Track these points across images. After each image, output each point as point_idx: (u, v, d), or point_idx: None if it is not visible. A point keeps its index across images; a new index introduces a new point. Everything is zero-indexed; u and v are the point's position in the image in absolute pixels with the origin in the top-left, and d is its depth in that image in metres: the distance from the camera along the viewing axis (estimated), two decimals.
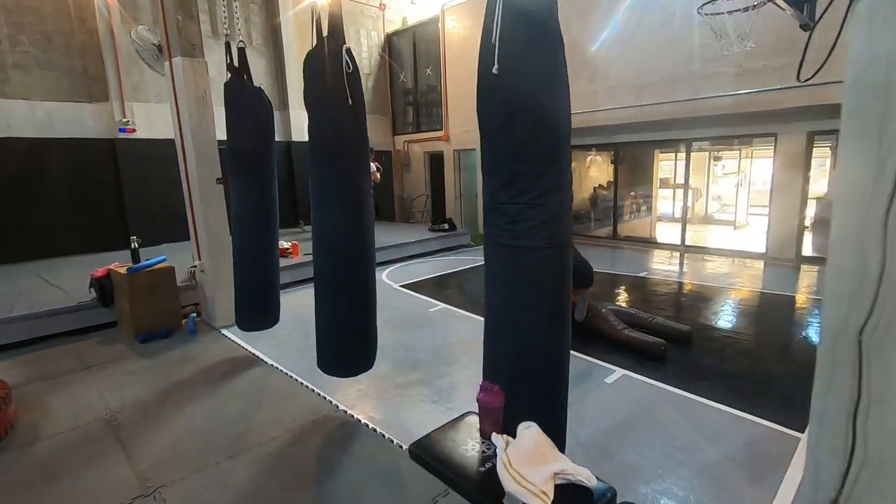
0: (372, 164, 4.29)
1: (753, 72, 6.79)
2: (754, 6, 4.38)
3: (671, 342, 4.07)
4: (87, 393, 3.55)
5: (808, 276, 6.57)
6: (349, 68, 2.75)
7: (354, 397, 3.43)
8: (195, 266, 5.00)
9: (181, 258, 5.44)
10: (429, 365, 3.94)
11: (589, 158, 11.45)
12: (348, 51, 2.70)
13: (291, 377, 3.75)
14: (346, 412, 3.19)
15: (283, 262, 6.46)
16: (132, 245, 5.16)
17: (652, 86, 7.84)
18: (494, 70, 1.83)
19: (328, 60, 2.74)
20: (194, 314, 5.02)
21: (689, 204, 15.05)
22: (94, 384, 3.69)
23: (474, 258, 8.20)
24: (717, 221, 14.46)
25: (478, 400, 1.76)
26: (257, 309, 4.17)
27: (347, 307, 2.98)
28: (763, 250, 7.76)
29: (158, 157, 8.21)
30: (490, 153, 1.95)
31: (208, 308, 5.02)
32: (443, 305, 5.53)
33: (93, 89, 8.12)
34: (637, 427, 2.93)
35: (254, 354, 4.23)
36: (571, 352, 2.11)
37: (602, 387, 3.49)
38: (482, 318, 2.16)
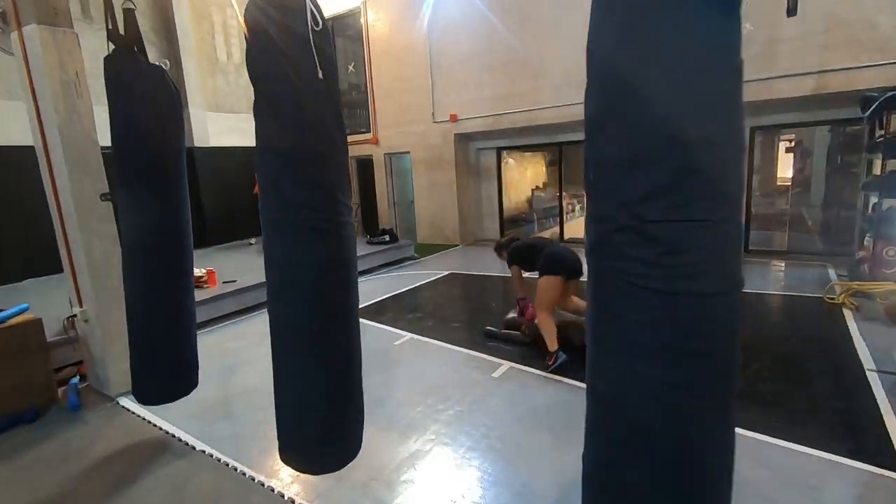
0: None
1: None
2: None
3: None
4: None
5: (756, 270, 6.57)
6: (317, 25, 1.82)
7: (332, 496, 2.46)
8: (75, 315, 3.66)
9: (53, 299, 4.04)
10: (422, 425, 3.06)
11: (509, 161, 11.07)
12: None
13: (233, 468, 2.68)
14: None
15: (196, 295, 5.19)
16: None
17: None
18: None
19: (282, 13, 1.79)
20: (76, 378, 3.69)
21: None
22: None
23: (424, 272, 7.36)
24: None
25: None
26: (167, 373, 3.00)
27: (324, 376, 2.03)
28: None
29: (15, 168, 6.42)
30: (623, 134, 1.16)
31: (97, 370, 3.70)
32: (408, 335, 4.65)
33: None
34: None
35: (169, 434, 3.06)
36: (573, 382, 1.37)
37: None
38: (459, 349, 1.36)
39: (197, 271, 5.81)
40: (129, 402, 3.45)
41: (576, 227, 10.88)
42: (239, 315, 5.53)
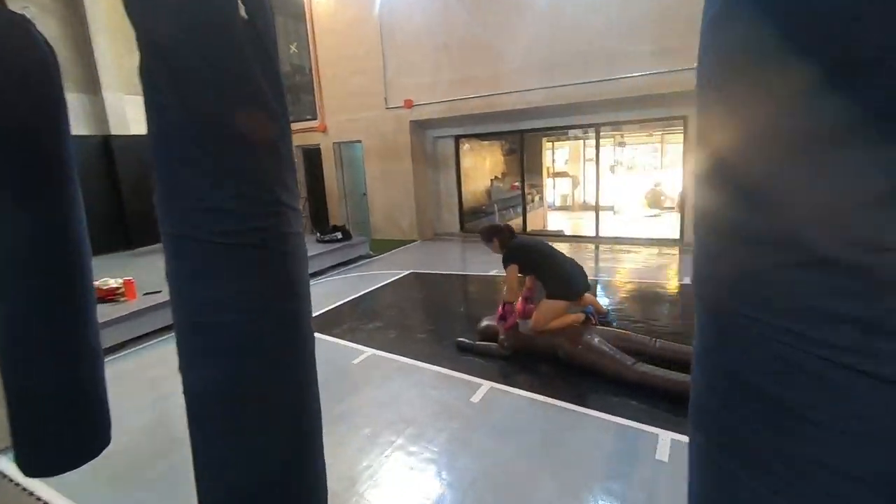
0: None
1: (671, 51, 6.40)
2: None
3: (686, 372, 3.18)
4: None
5: None
6: None
7: None
8: None
9: None
10: (391, 476, 2.48)
11: (466, 146, 10.58)
12: None
13: None
14: None
15: (109, 312, 4.33)
16: None
17: (563, 65, 7.12)
18: None
19: None
20: None
21: (570, 192, 15.46)
22: None
23: (381, 272, 6.72)
24: (597, 207, 14.90)
25: None
26: (62, 434, 2.24)
27: (268, 463, 1.42)
28: (677, 237, 7.61)
29: None
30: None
31: None
32: (369, 351, 4.03)
33: None
34: None
35: None
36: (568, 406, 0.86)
37: (655, 465, 2.40)
38: (429, 366, 0.89)
39: (112, 282, 4.93)
40: (5, 463, 2.65)
41: (537, 218, 10.56)
42: (165, 332, 4.70)
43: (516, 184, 11.82)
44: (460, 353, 3.89)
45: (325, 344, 4.25)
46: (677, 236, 7.59)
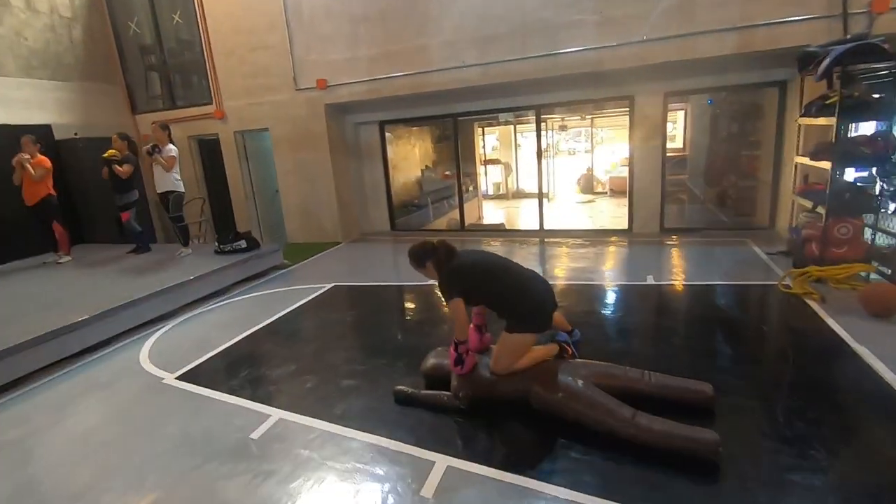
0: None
1: (616, 21, 5.71)
2: None
3: (685, 414, 2.44)
4: None
5: (685, 251, 5.93)
6: None
7: None
8: None
9: None
10: None
11: (393, 133, 9.55)
12: None
13: None
14: None
15: None
16: None
17: (499, 39, 6.24)
18: None
19: None
20: None
21: (502, 179, 14.85)
22: None
23: (297, 288, 5.54)
24: (530, 195, 14.39)
25: None
26: None
27: None
28: (625, 227, 7.08)
29: None
30: None
31: None
32: (275, 414, 2.93)
33: None
34: None
35: None
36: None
37: None
38: (360, 434, 0.95)
39: None
40: None
41: (472, 209, 9.73)
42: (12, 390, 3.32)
43: (448, 173, 10.92)
44: (400, 406, 2.91)
45: (212, 407, 3.08)
46: (625, 226, 7.05)
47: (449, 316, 2.86)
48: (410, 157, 9.74)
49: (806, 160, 4.70)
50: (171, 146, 6.06)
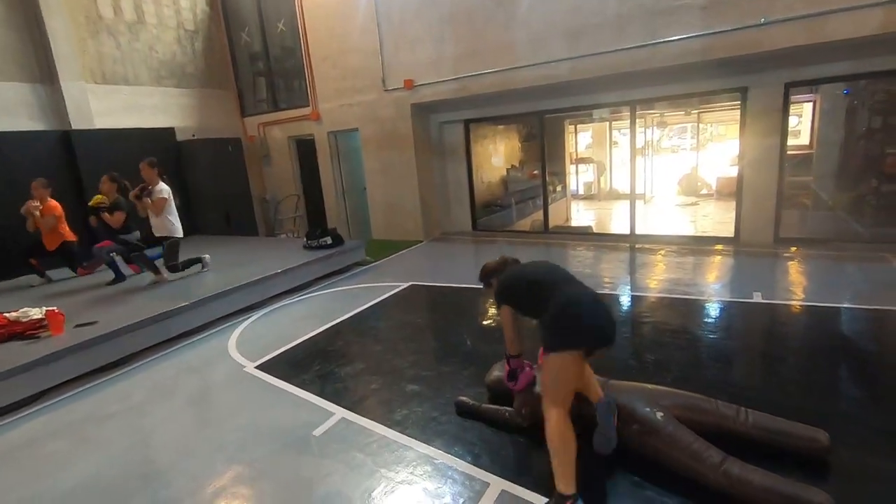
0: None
1: (726, 2, 5.09)
2: None
3: (789, 467, 2.04)
4: None
5: (811, 268, 5.12)
6: None
7: None
8: None
9: None
10: None
11: (478, 132, 9.36)
12: None
13: None
14: None
15: (23, 353, 3.35)
16: None
17: (590, 31, 5.86)
18: None
19: None
20: None
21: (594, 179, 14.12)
22: None
23: (376, 285, 5.65)
24: (624, 196, 13.51)
25: None
26: None
27: None
28: (731, 234, 6.33)
29: None
30: None
31: None
32: (338, 413, 2.96)
33: None
34: None
35: None
36: None
37: None
38: (418, 443, 1.80)
39: (34, 313, 3.99)
40: None
41: (559, 210, 9.34)
42: (92, 378, 3.74)
43: (535, 172, 10.57)
44: (460, 416, 2.79)
45: (282, 399, 3.20)
46: (731, 234, 6.30)
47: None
48: (495, 156, 9.57)
49: None
50: (161, 186, 5.14)
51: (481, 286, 2.79)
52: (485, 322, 4.37)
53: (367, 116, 7.98)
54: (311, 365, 3.68)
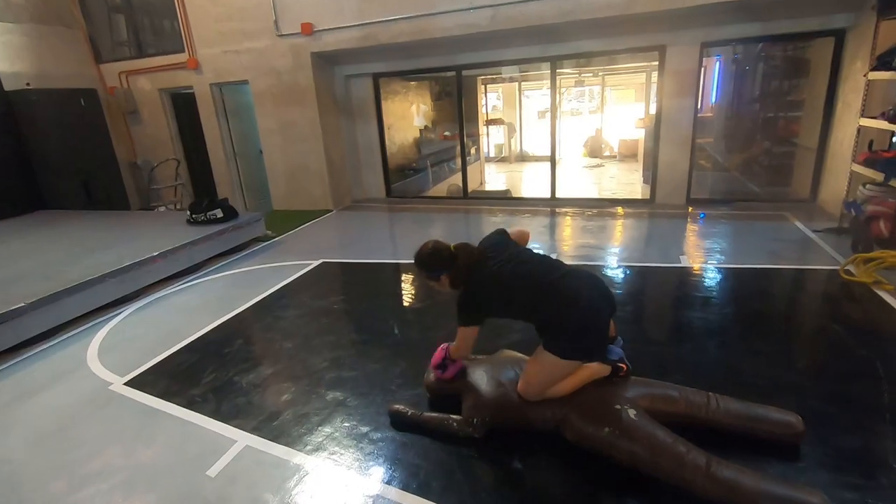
0: None
1: None
2: None
3: (761, 454, 1.87)
4: None
5: (721, 228, 5.26)
6: None
7: None
8: None
9: None
10: None
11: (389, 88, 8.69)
12: None
13: None
14: None
15: None
16: None
17: None
18: None
19: None
20: None
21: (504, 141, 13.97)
22: None
23: (281, 265, 4.88)
24: (534, 158, 13.56)
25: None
26: None
27: None
28: (647, 196, 6.38)
29: None
30: None
31: None
32: (242, 439, 2.32)
33: None
34: None
35: None
36: None
37: None
38: (346, 474, 1.56)
39: None
40: None
41: (474, 174, 8.96)
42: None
43: (447, 133, 10.07)
44: (398, 432, 2.31)
45: (164, 427, 2.47)
46: (647, 196, 6.35)
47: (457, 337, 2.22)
48: (408, 116, 8.88)
49: (880, 123, 3.97)
50: None
51: (422, 274, 2.27)
52: (413, 303, 3.88)
53: (260, 66, 6.85)
54: (202, 374, 2.95)
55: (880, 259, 3.56)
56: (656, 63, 5.82)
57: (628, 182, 8.74)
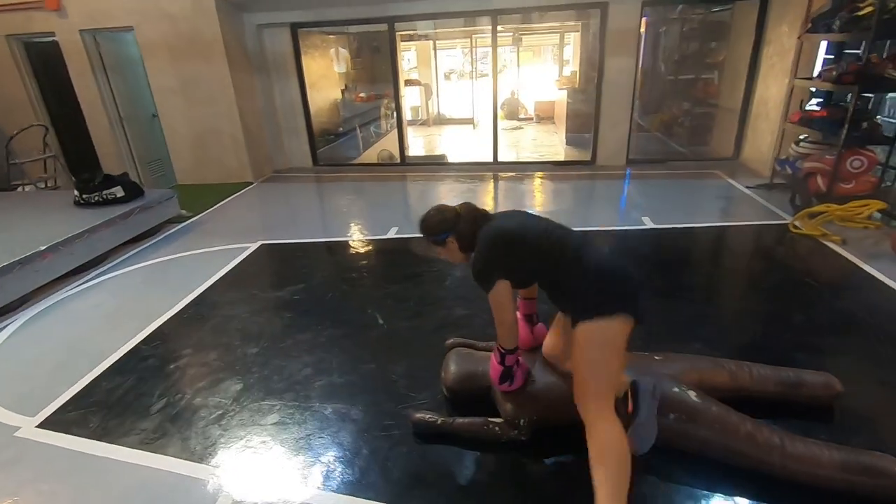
0: None
1: None
2: None
3: (799, 414, 1.89)
4: None
5: (664, 186, 5.41)
6: None
7: None
8: None
9: None
10: None
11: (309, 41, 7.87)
12: None
13: None
14: None
15: None
16: None
17: None
18: None
19: None
20: None
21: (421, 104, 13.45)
22: None
23: (208, 251, 4.12)
24: (453, 121, 13.23)
25: None
26: None
27: None
28: (588, 158, 6.40)
29: None
30: None
31: None
32: (226, 489, 1.84)
33: None
34: None
35: None
36: None
37: None
38: None
39: None
40: None
41: (393, 140, 8.42)
42: None
43: (362, 94, 9.35)
44: (420, 442, 1.98)
45: (112, 482, 1.88)
46: (588, 157, 6.37)
47: (493, 306, 1.85)
48: (330, 74, 8.03)
49: (824, 84, 4.18)
50: None
51: (429, 240, 1.91)
52: (387, 285, 3.45)
53: (147, 10, 5.63)
54: (148, 401, 2.33)
55: (825, 213, 3.82)
56: (573, 23, 5.71)
57: (550, 144, 8.77)
